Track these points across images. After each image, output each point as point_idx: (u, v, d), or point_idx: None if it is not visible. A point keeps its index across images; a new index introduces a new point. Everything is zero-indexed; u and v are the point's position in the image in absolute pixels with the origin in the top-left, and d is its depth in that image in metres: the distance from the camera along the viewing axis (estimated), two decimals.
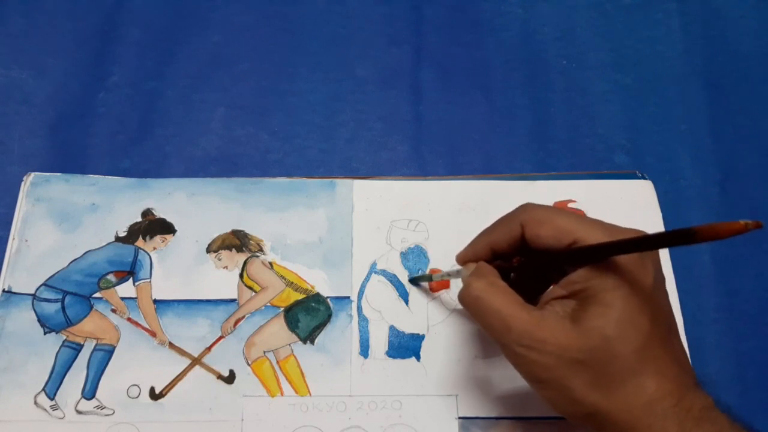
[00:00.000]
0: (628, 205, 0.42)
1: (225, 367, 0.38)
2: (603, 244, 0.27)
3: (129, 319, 0.39)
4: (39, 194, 0.42)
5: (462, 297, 0.31)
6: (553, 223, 0.29)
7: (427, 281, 0.40)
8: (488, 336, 0.30)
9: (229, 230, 0.42)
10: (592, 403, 0.27)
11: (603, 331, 0.27)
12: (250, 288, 0.40)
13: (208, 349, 0.39)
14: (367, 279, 0.41)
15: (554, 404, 0.29)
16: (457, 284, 0.40)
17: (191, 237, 0.41)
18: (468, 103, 0.47)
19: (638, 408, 0.27)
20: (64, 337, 0.39)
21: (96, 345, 0.39)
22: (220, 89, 0.47)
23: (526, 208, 0.31)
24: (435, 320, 0.40)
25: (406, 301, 0.40)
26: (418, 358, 0.39)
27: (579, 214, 0.30)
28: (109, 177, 0.43)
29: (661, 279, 0.29)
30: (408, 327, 0.39)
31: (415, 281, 0.40)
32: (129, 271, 0.40)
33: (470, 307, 0.30)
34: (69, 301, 0.39)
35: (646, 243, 0.26)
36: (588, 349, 0.27)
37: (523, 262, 0.31)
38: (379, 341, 0.39)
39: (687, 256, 0.42)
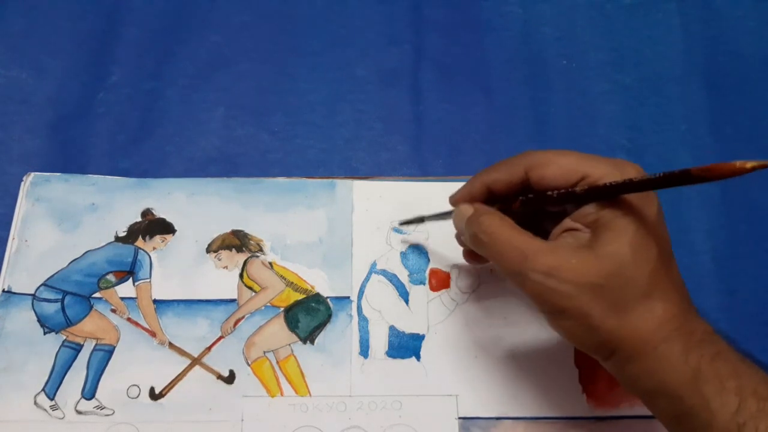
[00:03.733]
0: None
1: (225, 367, 0.38)
2: (610, 186, 0.28)
3: (129, 319, 0.39)
4: (39, 194, 0.42)
5: (474, 235, 0.31)
6: (558, 163, 0.30)
7: (418, 223, 0.40)
8: (503, 271, 0.30)
9: (229, 230, 0.42)
10: (608, 329, 0.28)
11: (618, 255, 0.27)
12: (250, 288, 0.40)
13: (208, 349, 0.39)
14: (367, 279, 0.40)
15: (571, 335, 0.29)
16: (457, 284, 0.40)
17: (191, 237, 0.41)
18: (468, 103, 0.47)
19: (646, 331, 0.27)
20: (64, 337, 0.39)
21: (96, 345, 0.39)
22: (220, 89, 0.47)
23: (528, 153, 0.31)
24: (435, 320, 0.40)
25: (406, 301, 0.40)
26: (418, 358, 0.39)
27: (581, 153, 0.30)
28: (109, 177, 0.43)
29: (661, 211, 0.30)
30: (408, 327, 0.39)
31: (404, 223, 0.41)
32: (129, 271, 0.40)
33: (484, 243, 0.31)
34: (69, 301, 0.39)
35: (650, 183, 0.27)
36: (605, 274, 0.27)
37: (525, 201, 0.31)
38: (379, 341, 0.39)
39: (687, 256, 0.42)
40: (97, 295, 0.40)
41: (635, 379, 0.28)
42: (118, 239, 0.41)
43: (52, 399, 0.37)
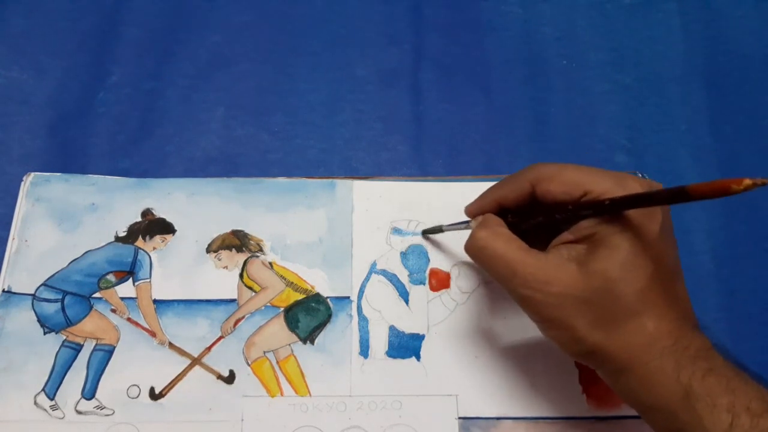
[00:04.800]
0: None
1: (225, 367, 0.38)
2: (610, 202, 0.28)
3: (129, 319, 0.39)
4: (39, 194, 0.42)
5: (468, 248, 0.32)
6: (562, 178, 0.30)
7: (438, 233, 0.41)
8: (496, 282, 0.31)
9: (229, 230, 0.42)
10: (595, 342, 0.28)
11: (607, 272, 0.28)
12: (250, 288, 0.40)
13: (208, 349, 0.39)
14: (367, 279, 0.40)
15: (559, 342, 0.30)
16: (457, 284, 0.41)
17: (191, 237, 0.41)
18: (468, 103, 0.47)
19: (637, 347, 0.28)
20: (64, 337, 0.39)
21: (96, 345, 0.39)
22: (220, 89, 0.47)
23: (535, 167, 0.32)
24: (435, 320, 0.40)
25: (406, 301, 0.40)
26: (418, 358, 0.39)
27: (587, 167, 0.30)
28: (109, 177, 0.43)
29: (668, 226, 0.30)
30: (408, 327, 0.39)
31: (426, 233, 0.41)
32: (129, 271, 0.40)
33: (476, 257, 0.32)
34: (69, 301, 0.39)
35: (645, 200, 0.27)
36: (592, 290, 0.28)
37: (536, 223, 0.32)
38: (379, 341, 0.39)
39: (687, 256, 0.42)
40: (97, 295, 0.40)
41: (629, 391, 0.29)
42: (118, 239, 0.41)
43: (52, 399, 0.37)
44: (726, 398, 0.26)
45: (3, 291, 0.39)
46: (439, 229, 0.40)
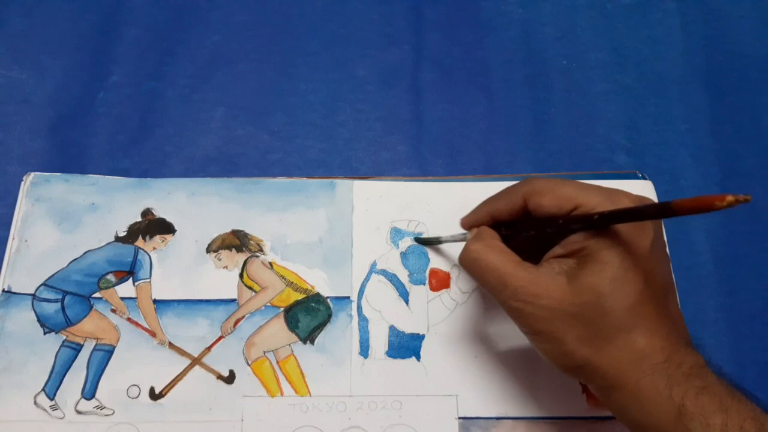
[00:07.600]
0: None
1: (225, 367, 0.38)
2: (599, 216, 0.28)
3: (129, 319, 0.39)
4: (39, 194, 0.42)
5: (461, 259, 0.32)
6: (554, 192, 0.30)
7: (435, 244, 0.41)
8: (488, 293, 0.32)
9: (229, 230, 0.42)
10: (583, 356, 0.28)
11: (597, 287, 0.28)
12: (250, 288, 0.40)
13: (208, 349, 0.39)
14: (367, 279, 0.40)
15: (548, 355, 0.30)
16: (457, 284, 0.41)
17: (191, 237, 0.41)
18: (468, 103, 0.47)
19: (627, 363, 0.28)
20: (64, 337, 0.39)
21: (96, 345, 0.39)
22: (220, 89, 0.47)
23: (529, 181, 0.32)
24: (435, 320, 0.40)
25: (407, 301, 0.40)
26: (418, 358, 0.39)
27: (580, 182, 0.31)
28: (109, 177, 0.43)
29: (659, 242, 0.30)
30: (408, 327, 0.39)
31: (421, 242, 0.41)
32: (129, 271, 0.40)
33: (469, 268, 0.32)
34: (69, 301, 0.39)
35: (632, 214, 0.27)
36: (581, 304, 0.28)
37: (527, 237, 0.32)
38: (379, 341, 0.39)
39: (687, 256, 0.42)
40: (97, 295, 0.40)
41: (621, 409, 0.29)
42: (118, 239, 0.41)
43: (52, 399, 0.37)
44: (719, 417, 0.26)
45: (3, 291, 0.39)
46: (437, 240, 0.41)
